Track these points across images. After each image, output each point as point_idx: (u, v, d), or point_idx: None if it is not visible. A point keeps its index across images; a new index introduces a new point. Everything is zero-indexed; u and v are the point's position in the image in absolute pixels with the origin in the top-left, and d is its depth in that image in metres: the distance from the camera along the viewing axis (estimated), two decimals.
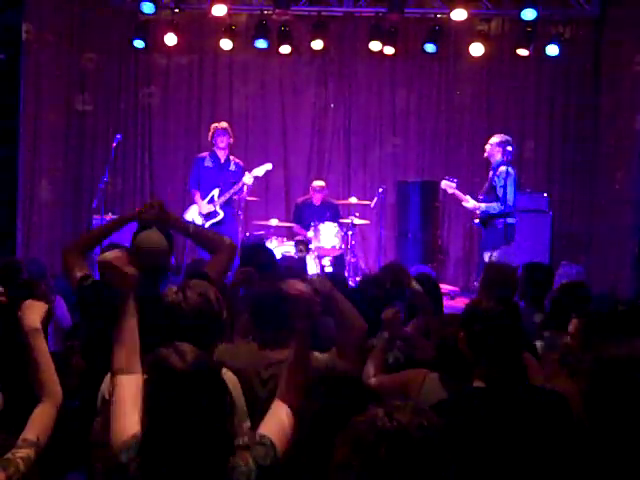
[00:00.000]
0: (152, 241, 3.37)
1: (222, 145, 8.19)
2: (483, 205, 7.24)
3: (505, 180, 7.04)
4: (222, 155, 8.23)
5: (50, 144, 9.00)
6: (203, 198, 8.19)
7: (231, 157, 8.29)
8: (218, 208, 8.15)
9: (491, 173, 7.32)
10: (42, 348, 2.33)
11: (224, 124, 8.28)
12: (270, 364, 3.00)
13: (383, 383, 3.20)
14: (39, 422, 2.24)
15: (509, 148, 7.16)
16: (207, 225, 8.09)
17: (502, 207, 7.10)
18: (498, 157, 7.27)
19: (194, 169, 8.36)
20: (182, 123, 10.11)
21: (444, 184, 7.56)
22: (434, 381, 2.97)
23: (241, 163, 8.36)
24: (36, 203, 8.73)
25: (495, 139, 7.39)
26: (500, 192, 7.09)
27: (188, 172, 8.64)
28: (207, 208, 8.15)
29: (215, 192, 8.14)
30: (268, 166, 8.30)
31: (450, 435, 1.61)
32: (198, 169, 8.29)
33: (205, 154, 8.36)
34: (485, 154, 7.46)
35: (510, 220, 7.18)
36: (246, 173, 8.13)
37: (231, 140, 8.26)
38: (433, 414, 1.62)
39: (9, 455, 2.12)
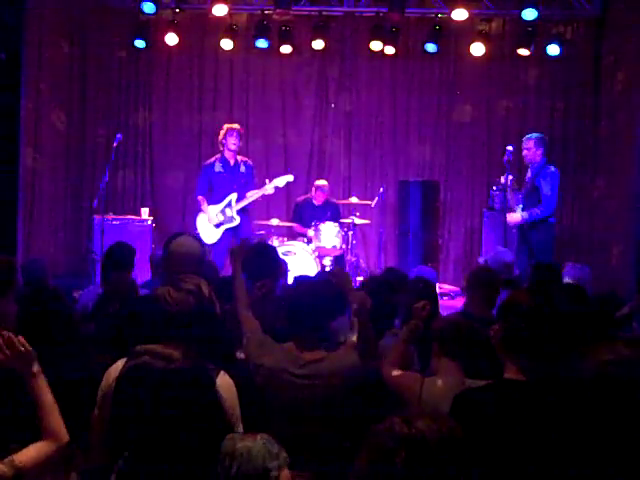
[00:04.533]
0: (184, 247, 3.52)
1: (233, 147, 8.02)
2: (525, 214, 6.96)
3: (553, 181, 6.95)
4: (231, 157, 8.09)
5: (50, 144, 8.99)
6: (218, 203, 8.04)
7: (239, 158, 8.19)
8: (235, 214, 8.01)
9: (530, 173, 7.15)
10: (44, 389, 2.25)
11: (237, 126, 8.14)
12: (305, 364, 3.07)
13: (391, 379, 3.24)
14: (32, 453, 2.19)
15: (545, 145, 7.12)
16: (222, 230, 8.02)
17: (545, 210, 6.94)
18: (538, 157, 7.09)
19: (203, 176, 8.18)
20: (183, 123, 10.09)
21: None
22: (433, 386, 3.00)
23: (250, 162, 8.29)
24: (36, 203, 8.72)
25: (531, 139, 7.15)
26: (548, 193, 6.92)
27: (192, 175, 8.56)
28: (217, 218, 8.00)
29: (233, 197, 7.99)
30: (289, 177, 8.26)
31: (486, 425, 1.60)
32: (208, 176, 8.11)
33: (213, 159, 8.20)
34: (526, 159, 7.19)
35: (552, 220, 7.14)
36: (266, 181, 8.07)
37: (240, 144, 8.13)
38: (452, 421, 1.63)
39: None
